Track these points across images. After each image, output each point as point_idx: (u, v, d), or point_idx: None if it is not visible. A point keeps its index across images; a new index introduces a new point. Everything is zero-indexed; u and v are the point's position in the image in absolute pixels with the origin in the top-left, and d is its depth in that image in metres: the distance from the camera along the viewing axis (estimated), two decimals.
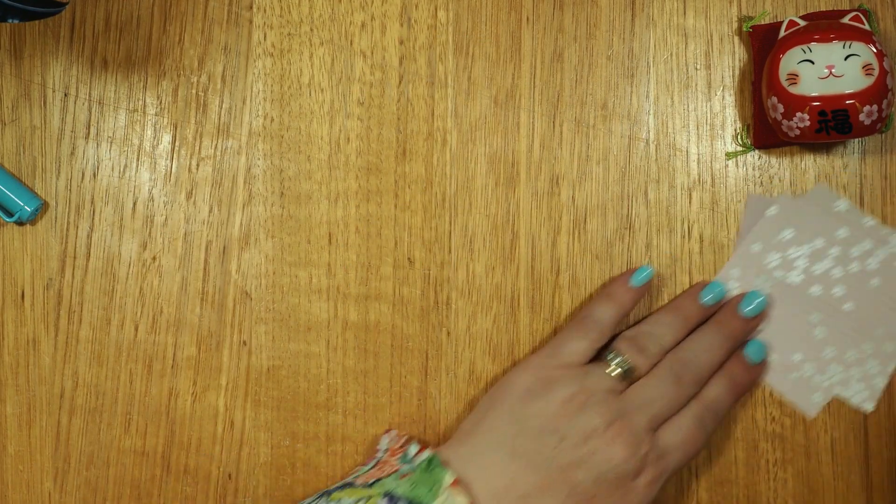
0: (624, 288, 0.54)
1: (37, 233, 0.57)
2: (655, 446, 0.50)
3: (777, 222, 0.55)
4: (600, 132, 0.57)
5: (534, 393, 0.50)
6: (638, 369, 0.51)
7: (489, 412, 0.51)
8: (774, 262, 0.55)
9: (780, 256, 0.55)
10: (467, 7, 0.57)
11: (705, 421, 0.51)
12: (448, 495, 0.48)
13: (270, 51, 0.57)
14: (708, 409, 0.52)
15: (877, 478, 0.55)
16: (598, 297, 0.54)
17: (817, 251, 0.55)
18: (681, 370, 0.51)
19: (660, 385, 0.51)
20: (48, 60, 0.57)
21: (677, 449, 0.50)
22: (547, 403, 0.50)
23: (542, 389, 0.50)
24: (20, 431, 0.56)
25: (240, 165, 0.57)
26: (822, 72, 0.51)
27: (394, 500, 0.48)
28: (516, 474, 0.49)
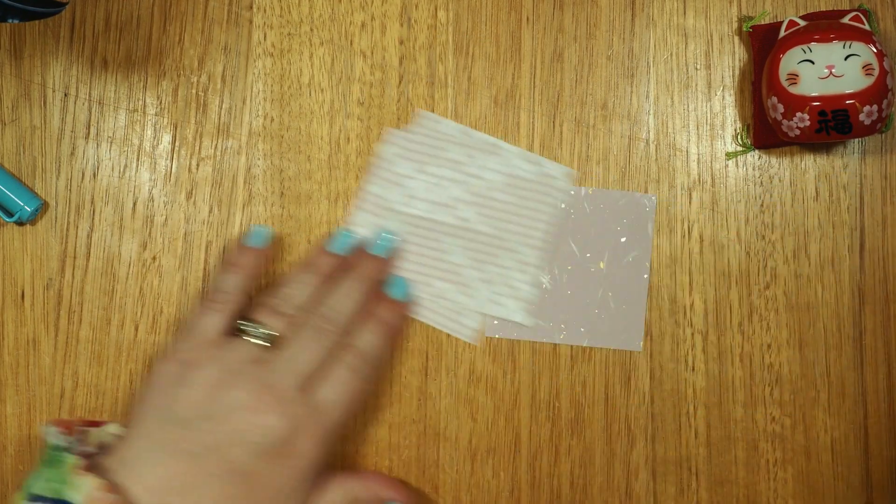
0: (241, 252, 0.54)
1: (37, 233, 0.57)
2: (310, 404, 0.49)
3: (391, 160, 0.56)
4: (600, 132, 0.57)
5: (176, 381, 0.49)
6: (278, 334, 0.51)
7: (138, 411, 0.50)
8: (397, 198, 0.56)
9: (401, 192, 0.56)
10: (467, 7, 0.57)
11: (359, 368, 0.51)
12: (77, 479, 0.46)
13: (270, 51, 0.57)
14: (359, 356, 0.51)
15: (877, 478, 0.55)
16: (220, 266, 0.54)
17: (436, 178, 0.56)
18: (322, 323, 0.51)
19: (302, 343, 0.50)
20: (48, 60, 0.57)
21: (336, 402, 0.50)
22: (190, 390, 0.49)
23: (184, 375, 0.49)
24: (20, 431, 0.56)
25: (240, 165, 0.57)
26: (822, 72, 0.51)
27: (38, 501, 0.46)
28: (171, 467, 0.47)
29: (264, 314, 0.52)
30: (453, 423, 0.56)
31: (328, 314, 0.51)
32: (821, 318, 0.56)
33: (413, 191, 0.56)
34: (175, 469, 0.47)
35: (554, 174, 0.55)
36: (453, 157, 0.56)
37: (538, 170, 0.55)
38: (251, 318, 0.51)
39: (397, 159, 0.56)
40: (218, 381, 0.49)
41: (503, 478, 0.56)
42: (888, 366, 0.55)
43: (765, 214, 0.56)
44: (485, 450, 0.56)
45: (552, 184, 0.55)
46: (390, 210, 0.55)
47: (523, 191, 0.56)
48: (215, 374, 0.49)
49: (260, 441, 0.48)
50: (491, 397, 0.56)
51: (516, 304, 0.55)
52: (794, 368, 0.56)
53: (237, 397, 0.48)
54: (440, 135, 0.56)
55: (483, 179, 0.55)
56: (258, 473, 0.48)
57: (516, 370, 0.56)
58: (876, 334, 0.56)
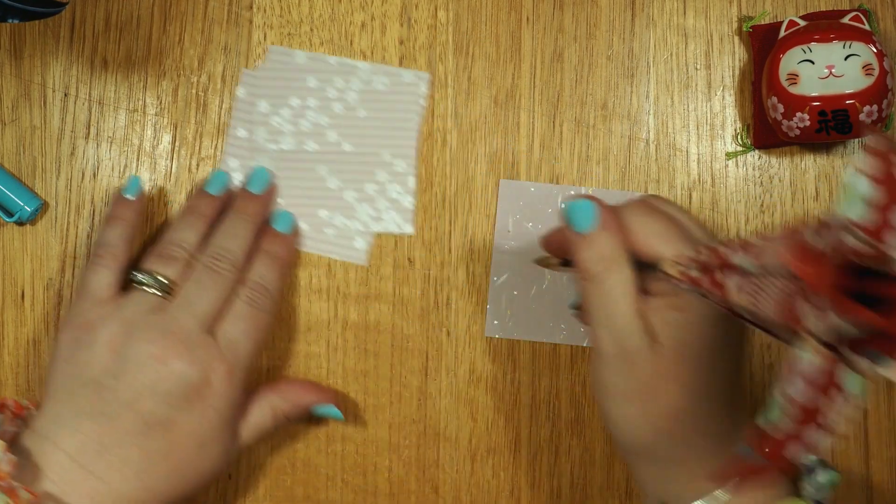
0: (119, 204, 0.54)
1: (37, 233, 0.57)
2: (216, 344, 0.49)
3: (249, 100, 0.56)
4: (600, 132, 0.57)
5: (78, 344, 0.49)
6: (171, 279, 0.51)
7: (49, 382, 0.50)
8: (263, 136, 0.56)
9: (266, 130, 0.56)
10: (467, 7, 0.57)
11: (258, 301, 0.51)
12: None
13: None
14: (256, 289, 0.51)
15: (877, 478, 0.55)
16: (102, 221, 0.54)
17: (297, 109, 0.56)
18: (213, 262, 0.51)
19: (198, 284, 0.50)
20: (48, 60, 0.57)
21: (241, 336, 0.50)
22: (94, 351, 0.49)
23: (85, 338, 0.49)
24: None
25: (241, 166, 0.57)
26: (822, 72, 0.51)
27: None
28: (87, 431, 0.47)
29: (155, 262, 0.51)
30: (453, 423, 0.56)
31: (219, 253, 0.51)
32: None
33: (278, 126, 0.56)
34: (91, 432, 0.47)
35: (408, 80, 0.56)
36: (310, 86, 0.56)
37: (393, 80, 0.56)
38: (142, 269, 0.51)
39: (256, 99, 0.56)
40: (119, 337, 0.49)
41: (503, 478, 0.56)
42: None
43: (765, 214, 0.56)
44: (485, 450, 0.56)
45: (409, 90, 0.56)
46: (260, 150, 0.56)
47: (383, 103, 0.56)
48: (116, 330, 0.49)
49: (172, 389, 0.48)
50: (491, 397, 0.56)
51: (399, 215, 0.56)
52: None
53: (142, 350, 0.48)
54: (294, 66, 0.56)
55: (343, 101, 0.56)
56: (176, 422, 0.48)
57: (516, 370, 0.56)
58: None
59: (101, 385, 0.48)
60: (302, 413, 0.54)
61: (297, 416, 0.53)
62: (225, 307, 0.51)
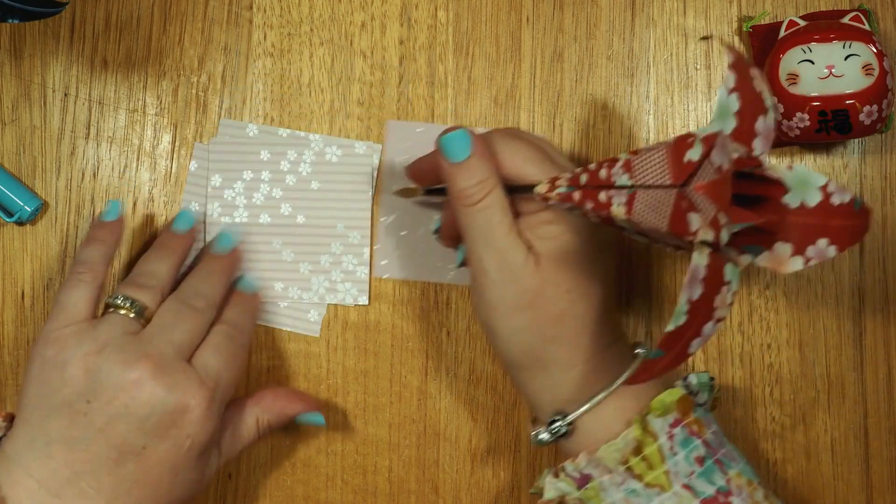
0: (99, 226, 0.53)
1: (37, 233, 0.57)
2: (194, 371, 0.48)
3: (200, 174, 0.56)
4: (600, 132, 0.57)
5: (50, 364, 0.48)
6: (146, 306, 0.50)
7: (21, 400, 0.48)
8: (216, 211, 0.56)
9: (219, 204, 0.56)
10: (467, 7, 0.57)
11: (235, 337, 0.51)
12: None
13: (270, 51, 0.57)
14: (231, 326, 0.51)
15: (877, 478, 0.55)
16: (82, 242, 0.53)
17: (250, 183, 0.56)
18: (190, 298, 0.51)
19: (175, 313, 0.50)
20: (48, 60, 0.57)
21: (221, 366, 0.49)
22: (64, 372, 0.47)
23: (58, 356, 0.48)
24: None
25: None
26: (822, 72, 0.51)
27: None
28: (58, 457, 0.46)
29: (129, 289, 0.50)
30: (453, 423, 0.56)
31: (195, 292, 0.51)
32: (821, 318, 0.56)
33: (231, 200, 0.56)
34: (62, 459, 0.46)
35: (360, 151, 0.56)
36: (263, 159, 0.56)
37: (346, 151, 0.56)
38: (118, 293, 0.50)
39: (208, 173, 0.56)
40: (93, 357, 0.47)
41: (503, 478, 0.56)
42: (888, 366, 0.56)
43: None
44: (485, 450, 0.56)
45: (361, 161, 0.56)
46: (214, 224, 0.56)
47: (336, 175, 0.56)
48: (90, 350, 0.47)
49: (147, 415, 0.47)
50: (491, 397, 0.56)
51: (354, 286, 0.56)
52: (794, 368, 0.56)
53: (116, 372, 0.47)
54: (246, 139, 0.56)
55: (296, 173, 0.56)
56: (150, 449, 0.47)
57: None
58: (876, 334, 0.56)
59: (73, 409, 0.47)
60: (286, 423, 0.53)
61: (280, 425, 0.53)
62: (201, 340, 0.50)
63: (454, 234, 0.51)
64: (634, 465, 0.45)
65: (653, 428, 0.45)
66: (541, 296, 0.46)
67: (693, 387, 0.48)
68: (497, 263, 0.47)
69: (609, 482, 0.45)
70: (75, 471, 0.46)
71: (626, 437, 0.45)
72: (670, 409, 0.46)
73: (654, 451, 0.45)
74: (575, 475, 0.46)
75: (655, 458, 0.45)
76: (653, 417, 0.45)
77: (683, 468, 0.45)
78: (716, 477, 0.45)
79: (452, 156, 0.48)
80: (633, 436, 0.45)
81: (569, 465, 0.47)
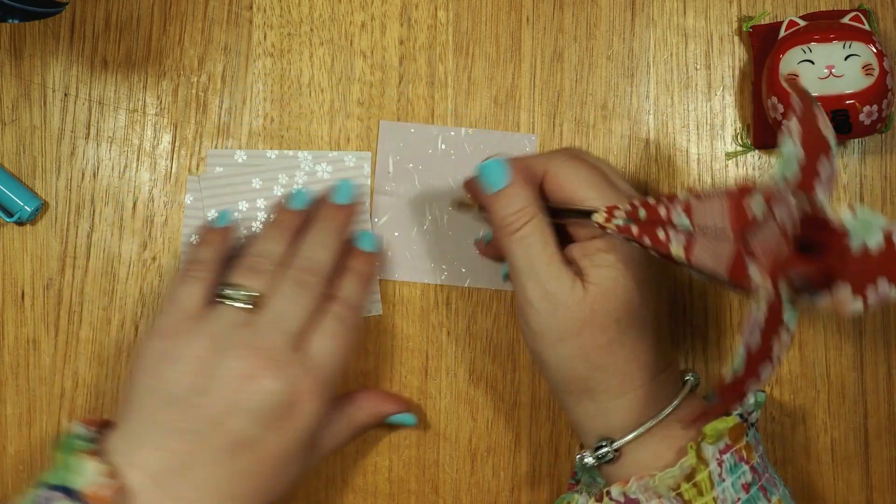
0: (210, 230, 0.54)
1: (37, 233, 0.57)
2: (304, 361, 0.48)
3: (196, 206, 0.56)
4: (600, 132, 0.57)
5: (163, 358, 0.48)
6: (259, 292, 0.49)
7: (130, 393, 0.48)
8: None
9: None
10: (467, 7, 0.57)
11: (346, 318, 0.50)
12: (82, 465, 0.45)
13: (270, 51, 0.57)
14: (344, 306, 0.51)
15: (877, 478, 0.55)
16: (197, 242, 0.53)
17: (247, 213, 0.56)
18: (301, 276, 0.50)
19: (286, 299, 0.49)
20: (48, 60, 0.57)
21: (330, 353, 0.49)
22: (179, 365, 0.47)
23: (171, 351, 0.48)
24: (20, 431, 0.56)
25: None
26: (822, 72, 0.51)
27: (43, 488, 0.45)
28: (170, 448, 0.46)
29: (242, 274, 0.50)
30: (453, 423, 0.56)
31: (306, 265, 0.50)
32: (821, 318, 0.56)
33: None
34: (174, 449, 0.46)
35: (350, 164, 0.56)
36: (256, 187, 0.56)
37: (336, 166, 0.56)
38: (229, 283, 0.50)
39: (206, 208, 0.56)
40: (206, 351, 0.47)
41: (503, 478, 0.56)
42: (888, 366, 0.56)
43: None
44: (485, 450, 0.56)
45: (353, 174, 0.56)
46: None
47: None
48: (203, 344, 0.48)
49: (259, 407, 0.47)
50: (491, 397, 0.56)
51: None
52: (794, 368, 0.56)
53: (229, 366, 0.47)
54: (236, 168, 0.56)
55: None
56: (262, 441, 0.47)
57: (516, 370, 0.56)
58: (876, 334, 0.56)
59: (186, 402, 0.47)
60: (378, 423, 0.54)
61: (372, 426, 0.53)
62: (313, 321, 0.50)
63: (500, 254, 0.51)
64: (685, 490, 0.45)
65: (705, 455, 0.45)
66: (589, 324, 0.46)
67: (749, 406, 0.47)
68: (540, 293, 0.46)
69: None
70: (186, 463, 0.46)
71: (683, 465, 0.45)
72: (722, 436, 0.46)
73: (705, 477, 0.45)
74: (620, 499, 0.46)
75: (706, 484, 0.45)
76: (706, 444, 0.45)
77: (731, 495, 0.45)
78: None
79: (490, 185, 0.48)
80: (689, 463, 0.45)
81: (615, 489, 0.46)
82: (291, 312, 0.49)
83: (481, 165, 0.48)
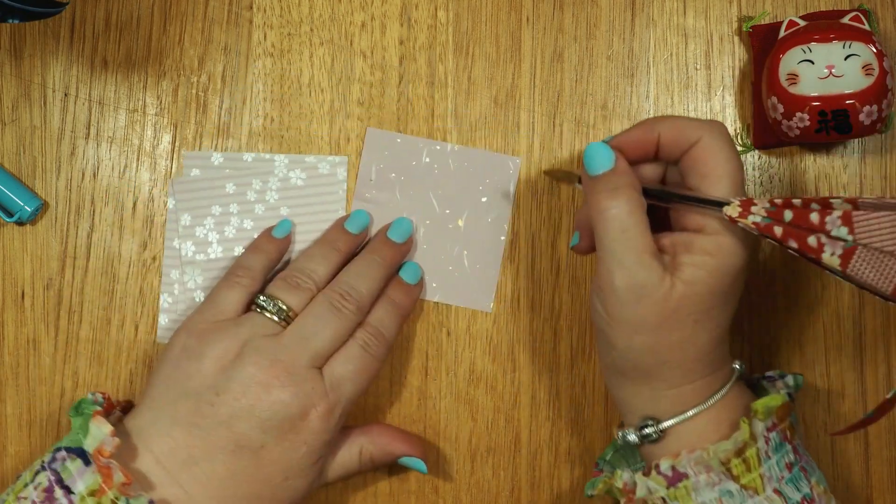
0: (268, 239, 0.54)
1: (37, 233, 0.57)
2: (321, 381, 0.49)
3: (176, 212, 0.56)
4: (600, 132, 0.57)
5: (188, 353, 0.50)
6: (293, 307, 0.51)
7: (152, 381, 0.50)
8: (192, 249, 0.56)
9: (192, 243, 0.56)
10: (467, 7, 0.57)
11: (372, 346, 0.51)
12: (94, 427, 0.47)
13: (270, 51, 0.57)
14: (373, 334, 0.51)
15: (877, 478, 0.55)
16: (247, 249, 0.55)
17: (220, 217, 0.56)
18: (339, 300, 0.51)
19: (318, 319, 0.50)
20: (48, 60, 0.57)
21: (349, 378, 0.50)
22: (201, 362, 0.49)
23: (197, 348, 0.50)
24: (20, 431, 0.56)
25: None
26: (822, 72, 0.51)
27: (57, 451, 0.47)
28: (179, 439, 0.48)
29: (281, 288, 0.51)
30: (453, 423, 0.56)
31: (345, 291, 0.51)
32: (821, 318, 0.56)
33: (204, 237, 0.56)
34: (182, 441, 0.48)
35: (325, 171, 0.56)
36: (229, 192, 0.56)
37: (310, 173, 0.56)
38: (266, 293, 0.51)
39: (180, 212, 0.56)
40: (230, 354, 0.49)
41: (503, 478, 0.56)
42: (888, 366, 0.56)
43: None
44: (485, 450, 0.56)
45: (328, 181, 0.56)
46: (188, 263, 0.56)
47: (304, 198, 0.56)
48: (228, 347, 0.49)
49: (269, 416, 0.48)
50: (491, 397, 0.56)
51: None
52: (794, 368, 0.56)
53: (248, 372, 0.49)
54: (212, 171, 0.56)
55: (264, 202, 0.56)
56: (267, 448, 0.48)
57: (516, 370, 0.56)
58: (876, 334, 0.56)
59: (201, 398, 0.48)
60: (389, 460, 0.53)
61: (382, 461, 0.53)
62: (339, 345, 0.51)
63: (590, 244, 0.50)
64: (734, 465, 0.45)
65: (755, 430, 0.46)
66: (667, 319, 0.46)
67: (790, 388, 0.48)
68: (626, 282, 0.46)
69: (704, 481, 0.46)
70: (192, 455, 0.48)
71: (736, 439, 0.46)
72: (771, 413, 0.46)
73: (753, 453, 0.45)
74: (668, 473, 0.47)
75: (754, 460, 0.45)
76: (756, 421, 0.46)
77: (776, 473, 0.45)
78: (802, 484, 0.46)
79: (592, 168, 0.47)
80: (743, 437, 0.46)
81: (664, 462, 0.47)
82: (319, 333, 0.50)
83: (587, 148, 0.47)
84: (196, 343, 0.50)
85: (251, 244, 0.55)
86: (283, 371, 0.49)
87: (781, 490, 0.45)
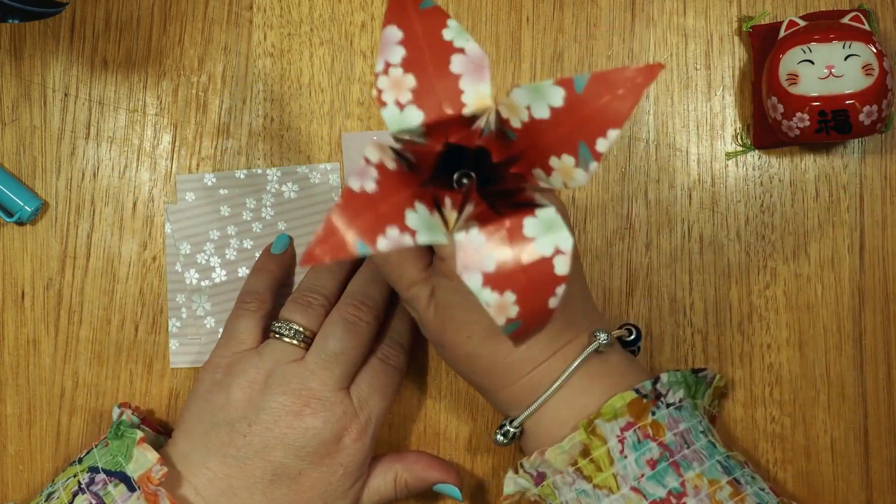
0: (268, 258, 0.55)
1: (37, 233, 0.57)
2: (349, 402, 0.50)
3: (176, 238, 0.56)
4: None
5: (217, 386, 0.50)
6: (309, 328, 0.51)
7: (184, 415, 0.51)
8: (195, 277, 0.56)
9: (195, 270, 0.56)
10: (467, 7, 0.57)
11: (393, 358, 0.52)
12: (138, 453, 0.48)
13: (270, 51, 0.57)
14: (392, 346, 0.52)
15: (877, 478, 0.55)
16: (250, 272, 0.55)
17: (219, 241, 0.56)
18: (354, 314, 0.51)
19: (338, 340, 0.50)
20: (48, 60, 0.57)
21: (375, 394, 0.51)
22: (229, 394, 0.49)
23: (225, 380, 0.50)
24: (20, 431, 0.56)
25: (240, 166, 0.57)
26: (821, 72, 0.51)
27: (94, 472, 0.48)
28: (216, 470, 0.48)
29: (294, 310, 0.52)
30: (453, 423, 0.56)
31: (359, 301, 0.51)
32: (821, 318, 0.56)
33: (206, 263, 0.56)
34: (219, 472, 0.48)
35: (316, 180, 0.56)
36: (224, 214, 0.56)
37: (302, 184, 0.56)
38: (281, 318, 0.51)
39: (178, 241, 0.56)
40: (257, 385, 0.49)
41: (503, 477, 0.56)
42: (888, 366, 0.56)
43: (765, 214, 0.56)
44: (485, 450, 0.56)
45: (320, 189, 0.56)
46: (194, 290, 0.56)
47: (299, 209, 0.56)
48: (254, 378, 0.50)
49: (303, 444, 0.49)
50: None
51: None
52: (794, 368, 0.56)
53: (277, 401, 0.49)
54: (206, 192, 0.56)
55: (261, 219, 0.56)
56: (304, 475, 0.49)
57: None
58: (876, 334, 0.56)
59: (234, 429, 0.49)
60: (424, 487, 0.53)
61: (417, 489, 0.53)
62: (360, 360, 0.51)
63: None
64: (583, 466, 0.46)
65: (601, 431, 0.46)
66: (440, 338, 0.47)
67: (663, 385, 0.48)
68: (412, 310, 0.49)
69: (561, 481, 0.46)
70: (229, 486, 0.48)
71: (573, 440, 0.46)
72: (621, 413, 0.46)
73: (603, 453, 0.46)
74: (532, 472, 0.48)
75: (604, 460, 0.46)
76: (602, 422, 0.46)
77: (633, 471, 0.45)
78: (668, 479, 0.45)
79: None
80: (579, 439, 0.46)
81: (525, 462, 0.48)
82: (342, 355, 0.50)
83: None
84: (223, 376, 0.50)
85: (253, 266, 0.55)
86: (312, 398, 0.49)
87: (640, 488, 0.45)
